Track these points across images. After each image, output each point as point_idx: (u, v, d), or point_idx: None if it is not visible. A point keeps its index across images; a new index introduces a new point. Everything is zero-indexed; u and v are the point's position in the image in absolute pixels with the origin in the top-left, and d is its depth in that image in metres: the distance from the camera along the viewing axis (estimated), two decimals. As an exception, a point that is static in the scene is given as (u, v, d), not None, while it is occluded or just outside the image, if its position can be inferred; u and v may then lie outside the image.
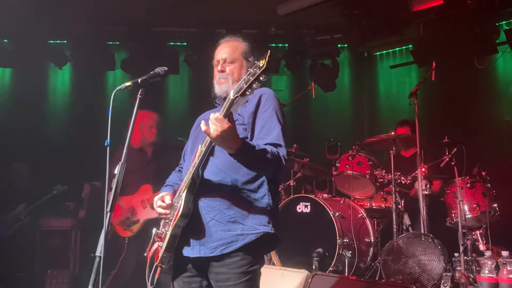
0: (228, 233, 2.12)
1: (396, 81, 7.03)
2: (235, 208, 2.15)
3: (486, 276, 3.29)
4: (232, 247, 2.10)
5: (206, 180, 2.18)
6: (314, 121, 7.19)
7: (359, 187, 4.76)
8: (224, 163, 2.17)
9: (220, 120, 1.88)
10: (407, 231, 4.42)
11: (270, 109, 2.24)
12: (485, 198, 4.27)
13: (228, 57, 2.38)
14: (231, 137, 1.93)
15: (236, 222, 2.13)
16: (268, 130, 2.19)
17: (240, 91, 1.85)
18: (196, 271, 2.23)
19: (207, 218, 2.15)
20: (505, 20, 6.02)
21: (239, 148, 1.98)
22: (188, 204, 2.13)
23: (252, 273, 2.14)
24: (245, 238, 2.11)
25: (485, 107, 6.10)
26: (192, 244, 2.17)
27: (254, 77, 1.81)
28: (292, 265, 4.14)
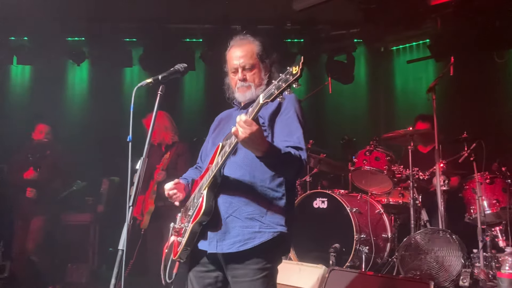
0: (246, 230, 2.14)
1: (413, 76, 6.95)
2: (253, 205, 2.16)
3: (506, 273, 3.27)
4: (249, 244, 2.12)
5: (225, 176, 2.21)
6: (330, 116, 7.16)
7: (376, 183, 4.74)
8: (244, 161, 2.19)
9: (249, 123, 1.90)
10: (424, 226, 4.40)
11: (292, 111, 2.25)
12: (505, 194, 4.22)
13: (246, 63, 2.34)
14: (259, 139, 1.95)
15: (254, 219, 2.15)
16: (290, 133, 2.19)
17: (271, 96, 1.85)
18: (212, 265, 2.25)
19: (226, 214, 2.17)
20: (525, 12, 5.90)
21: (266, 151, 2.00)
22: (209, 202, 2.15)
23: (269, 270, 2.16)
24: (262, 236, 2.12)
25: (504, 102, 6.01)
26: (209, 239, 2.20)
27: (286, 84, 1.81)
28: (309, 260, 4.16)
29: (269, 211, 2.16)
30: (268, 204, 2.18)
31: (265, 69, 2.38)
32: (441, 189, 4.22)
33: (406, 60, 7.04)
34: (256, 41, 2.43)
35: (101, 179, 6.38)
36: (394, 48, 7.30)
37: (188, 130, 5.81)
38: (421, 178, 4.46)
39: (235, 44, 2.43)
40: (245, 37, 2.45)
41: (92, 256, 6.00)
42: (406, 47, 7.20)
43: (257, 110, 1.93)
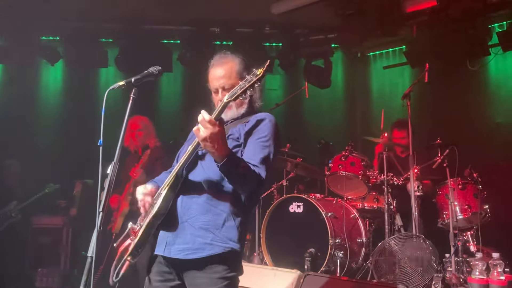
0: (197, 239, 2.10)
1: (389, 81, 7.05)
2: (210, 215, 2.13)
3: (476, 278, 3.31)
4: (197, 254, 2.08)
5: (190, 181, 2.18)
6: (307, 121, 7.21)
7: (351, 188, 4.77)
8: (211, 168, 2.14)
9: (212, 123, 1.89)
10: (399, 231, 4.45)
11: (265, 133, 2.22)
12: (477, 200, 4.30)
13: (225, 84, 2.32)
14: (219, 141, 1.93)
15: (208, 230, 2.11)
16: (255, 152, 2.17)
17: (234, 95, 1.91)
18: (169, 269, 2.20)
19: (182, 219, 2.14)
20: (497, 23, 6.04)
21: (225, 157, 1.97)
22: (166, 202, 2.11)
23: (230, 279, 2.12)
24: (212, 249, 2.09)
25: (477, 109, 6.14)
26: (160, 241, 2.17)
27: (249, 84, 1.86)
28: (284, 265, 4.15)
29: (225, 225, 2.13)
30: (225, 217, 2.14)
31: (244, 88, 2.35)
32: (415, 195, 4.27)
33: (382, 66, 7.14)
34: (237, 59, 2.40)
35: (74, 182, 6.25)
36: (371, 54, 7.40)
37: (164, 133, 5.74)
38: (396, 184, 4.51)
39: (215, 63, 2.41)
40: (225, 56, 2.42)
41: (64, 260, 5.88)
42: (382, 53, 7.30)
43: (221, 109, 1.94)
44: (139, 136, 4.83)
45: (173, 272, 2.20)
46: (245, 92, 1.88)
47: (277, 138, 2.26)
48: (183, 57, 6.66)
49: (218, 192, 2.16)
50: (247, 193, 2.18)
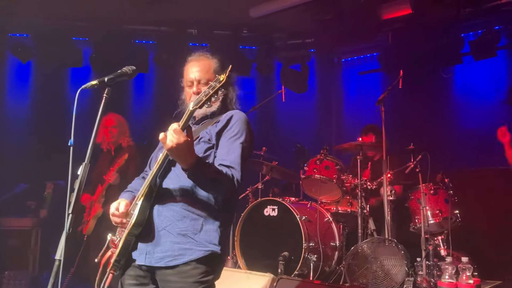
0: (177, 246, 2.09)
1: (364, 87, 7.15)
2: (187, 221, 2.12)
3: (446, 282, 3.36)
4: (177, 261, 2.07)
5: (164, 188, 2.16)
6: (283, 124, 7.23)
7: (326, 191, 4.80)
8: (184, 175, 2.12)
9: (178, 132, 1.87)
10: (371, 235, 4.48)
11: (236, 131, 2.21)
12: (448, 205, 4.37)
13: (202, 78, 2.32)
14: (185, 150, 1.91)
15: (187, 236, 2.10)
16: (227, 152, 2.16)
17: (199, 103, 1.88)
18: (145, 276, 2.18)
19: (159, 227, 2.12)
20: (470, 32, 6.21)
21: (192, 164, 1.95)
22: (143, 213, 2.10)
23: (206, 283, 2.11)
24: (192, 254, 2.08)
25: (449, 116, 6.28)
26: (140, 250, 2.14)
27: (213, 91, 1.85)
28: (258, 269, 4.13)
29: (202, 230, 2.12)
30: (203, 222, 2.13)
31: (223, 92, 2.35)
32: (388, 199, 4.32)
33: (358, 71, 7.24)
34: (214, 59, 2.42)
35: (45, 182, 6.10)
36: (347, 60, 7.49)
37: (138, 133, 5.66)
38: (369, 188, 4.56)
39: (192, 59, 2.42)
40: (203, 54, 2.44)
41: (33, 263, 5.72)
42: (359, 58, 7.40)
43: (187, 118, 1.92)
44: (113, 133, 4.74)
45: (148, 276, 2.18)
46: (209, 99, 1.86)
47: (249, 135, 2.26)
48: (159, 58, 6.60)
49: (194, 197, 2.14)
50: (222, 195, 2.16)
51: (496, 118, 5.85)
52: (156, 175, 2.12)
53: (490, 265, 4.39)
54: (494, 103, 6.04)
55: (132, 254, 2.16)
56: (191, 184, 2.11)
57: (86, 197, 4.68)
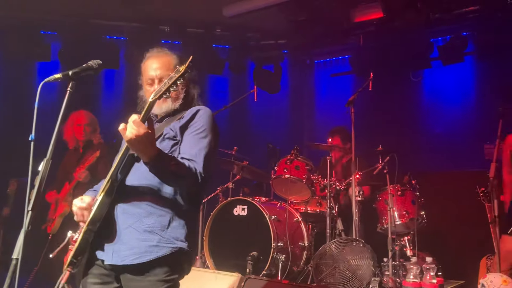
0: (143, 243, 2.04)
1: (336, 89, 7.21)
2: (154, 218, 2.08)
3: (411, 281, 3.42)
4: (144, 258, 2.03)
5: (128, 185, 2.11)
6: (255, 124, 7.23)
7: (295, 191, 4.81)
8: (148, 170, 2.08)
9: (138, 124, 1.83)
10: (339, 236, 4.52)
11: (200, 125, 2.19)
12: (414, 206, 4.46)
13: (163, 75, 2.25)
14: (146, 143, 1.87)
15: (154, 233, 2.06)
16: (190, 146, 2.13)
17: (158, 94, 1.87)
18: (109, 277, 2.13)
19: (124, 225, 2.08)
20: (439, 37, 6.34)
21: (153, 157, 1.92)
22: (102, 208, 2.04)
23: (171, 282, 2.07)
24: (159, 251, 2.04)
25: (418, 119, 6.41)
26: (105, 249, 2.09)
27: (171, 81, 1.83)
28: (227, 269, 4.11)
29: (170, 226, 2.09)
30: (170, 218, 2.10)
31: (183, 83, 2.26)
32: (356, 200, 4.36)
33: (330, 73, 7.30)
34: (174, 55, 2.37)
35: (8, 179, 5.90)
36: (320, 61, 7.55)
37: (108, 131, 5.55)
38: (338, 188, 4.60)
39: (152, 56, 2.36)
40: (162, 50, 2.38)
41: (-5, 263, 5.54)
42: (331, 60, 7.46)
43: (147, 109, 1.89)
44: (86, 131, 4.65)
45: (112, 275, 2.12)
46: (168, 90, 1.84)
47: (213, 129, 2.23)
48: (130, 55, 6.50)
49: (160, 193, 2.10)
50: (185, 189, 2.14)
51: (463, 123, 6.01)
52: (117, 169, 2.07)
53: (454, 265, 4.50)
54: (461, 107, 6.20)
55: (96, 253, 2.11)
56: (157, 180, 2.07)
57: (51, 194, 4.57)
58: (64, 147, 4.69)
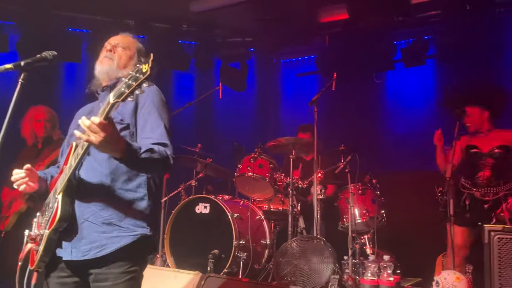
0: (103, 235, 2.00)
1: (302, 89, 7.26)
2: (110, 209, 2.03)
3: (368, 279, 3.47)
4: (106, 250, 1.99)
5: (81, 179, 2.06)
6: (220, 122, 7.19)
7: (259, 189, 4.81)
8: (100, 162, 2.06)
9: (102, 126, 1.73)
10: (301, 234, 4.55)
11: (151, 105, 2.13)
12: (374, 205, 4.53)
13: (121, 42, 2.26)
14: (114, 141, 1.82)
15: (112, 224, 2.02)
16: (152, 129, 2.08)
17: (122, 96, 1.70)
18: (71, 271, 2.08)
19: (81, 219, 2.03)
20: (402, 40, 6.47)
21: (125, 152, 1.87)
22: (66, 207, 1.99)
23: (133, 273, 2.05)
24: (121, 241, 2.01)
25: (379, 120, 6.53)
26: (64, 245, 2.04)
27: (136, 83, 1.69)
28: (188, 267, 4.07)
29: (128, 214, 2.05)
30: (127, 207, 2.06)
31: (135, 58, 2.29)
32: (318, 198, 4.40)
33: (296, 72, 7.34)
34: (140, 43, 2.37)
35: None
36: (286, 61, 7.59)
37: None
38: (301, 187, 4.62)
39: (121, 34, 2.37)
40: (128, 34, 2.39)
41: None
42: (298, 60, 7.51)
43: (108, 110, 1.76)
44: (46, 127, 4.50)
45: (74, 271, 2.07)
46: (132, 93, 1.71)
47: (165, 105, 2.19)
48: (93, 48, 6.33)
49: (115, 183, 2.06)
50: (159, 173, 2.14)
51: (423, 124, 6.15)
52: (75, 169, 2.00)
53: (412, 262, 4.60)
54: (422, 109, 6.35)
55: (56, 251, 2.05)
56: (110, 170, 2.04)
57: (6, 191, 4.41)
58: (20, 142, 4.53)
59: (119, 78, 2.18)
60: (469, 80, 5.42)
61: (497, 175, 3.90)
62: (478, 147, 4.00)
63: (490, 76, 5.58)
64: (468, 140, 4.10)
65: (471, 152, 4.02)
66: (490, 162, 3.90)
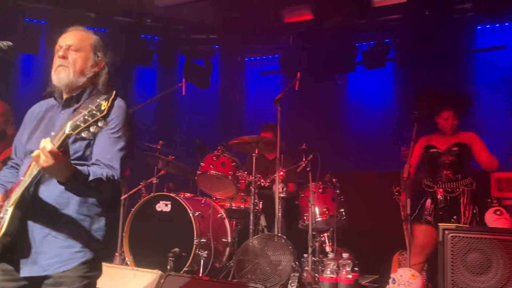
0: (66, 250, 1.94)
1: (265, 87, 7.29)
2: (72, 224, 1.97)
3: (327, 277, 3.54)
4: (69, 266, 1.93)
5: (41, 196, 1.97)
6: (183, 119, 7.12)
7: (221, 188, 4.78)
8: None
9: (54, 154, 1.68)
10: (262, 232, 4.57)
11: (114, 123, 2.04)
12: (334, 203, 4.60)
13: (73, 44, 2.12)
14: (62, 169, 1.76)
15: (75, 239, 1.96)
16: (106, 149, 2.01)
17: (77, 129, 1.64)
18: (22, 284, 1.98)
19: (42, 235, 1.95)
20: (364, 42, 6.61)
21: (68, 178, 1.80)
22: (14, 222, 1.90)
23: (90, 279, 2.00)
24: (84, 256, 1.96)
25: (341, 119, 6.65)
26: (22, 262, 1.94)
27: (92, 120, 1.63)
28: (147, 266, 4.01)
29: (91, 229, 2.00)
30: (89, 222, 2.01)
31: (95, 61, 2.16)
32: (280, 196, 4.43)
33: (260, 71, 7.36)
34: (96, 36, 2.23)
35: None
36: (250, 59, 7.60)
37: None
38: (263, 185, 4.64)
39: (72, 29, 2.21)
40: (81, 28, 2.23)
41: None
42: (262, 59, 7.53)
43: (62, 140, 1.69)
44: (0, 122, 4.31)
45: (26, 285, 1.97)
46: (88, 129, 1.64)
47: (129, 125, 2.10)
48: (52, 40, 6.09)
49: (77, 200, 1.99)
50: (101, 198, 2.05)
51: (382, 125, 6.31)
52: (30, 185, 1.92)
53: (370, 260, 4.71)
54: (381, 110, 6.51)
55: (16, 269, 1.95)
56: None
57: None
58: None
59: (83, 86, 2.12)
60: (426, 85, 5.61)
61: (455, 171, 4.04)
62: (437, 147, 4.13)
63: (446, 81, 5.79)
64: (426, 140, 4.23)
65: (430, 152, 4.15)
66: (449, 160, 4.04)
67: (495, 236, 2.99)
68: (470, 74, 6.16)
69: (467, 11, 5.74)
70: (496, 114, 5.58)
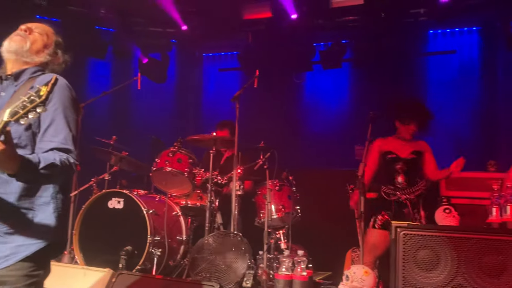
0: (6, 246, 1.84)
1: (224, 84, 7.25)
2: (13, 218, 1.87)
3: (282, 274, 3.54)
4: (11, 260, 1.83)
5: None
6: (138, 113, 6.96)
7: (176, 184, 4.70)
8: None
9: None
10: (218, 229, 4.54)
11: (58, 103, 1.94)
12: (290, 201, 4.63)
13: (40, 29, 2.08)
14: (6, 159, 1.66)
15: (16, 233, 1.86)
16: (55, 132, 1.91)
17: (15, 116, 1.57)
18: None
19: None
20: (321, 42, 6.70)
21: (17, 169, 1.71)
22: None
23: (36, 278, 1.90)
24: (26, 249, 1.85)
25: (299, 118, 6.70)
26: None
27: (31, 106, 1.57)
28: (98, 264, 3.89)
29: (33, 222, 1.89)
30: (31, 214, 1.90)
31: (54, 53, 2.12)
32: (236, 194, 4.40)
33: (218, 67, 7.30)
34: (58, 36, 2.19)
35: None
36: (208, 55, 7.52)
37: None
38: (220, 182, 4.61)
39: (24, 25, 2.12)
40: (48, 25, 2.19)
41: None
42: (221, 55, 7.48)
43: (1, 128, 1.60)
44: None
45: None
46: (27, 115, 1.58)
47: (74, 104, 2.01)
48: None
49: (17, 190, 1.88)
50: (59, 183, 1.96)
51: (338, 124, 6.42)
52: None
53: (323, 257, 4.77)
54: (337, 110, 6.62)
55: None
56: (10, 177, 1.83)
57: None
58: None
59: (26, 67, 2.03)
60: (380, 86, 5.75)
61: (410, 178, 4.14)
62: (395, 153, 4.20)
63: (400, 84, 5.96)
64: (382, 144, 4.27)
65: (388, 158, 4.21)
66: (405, 166, 4.13)
67: (443, 233, 3.08)
68: (421, 76, 6.37)
69: (420, 15, 5.92)
70: (444, 115, 5.78)
